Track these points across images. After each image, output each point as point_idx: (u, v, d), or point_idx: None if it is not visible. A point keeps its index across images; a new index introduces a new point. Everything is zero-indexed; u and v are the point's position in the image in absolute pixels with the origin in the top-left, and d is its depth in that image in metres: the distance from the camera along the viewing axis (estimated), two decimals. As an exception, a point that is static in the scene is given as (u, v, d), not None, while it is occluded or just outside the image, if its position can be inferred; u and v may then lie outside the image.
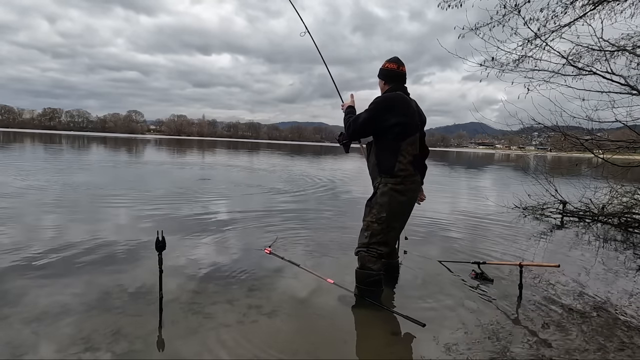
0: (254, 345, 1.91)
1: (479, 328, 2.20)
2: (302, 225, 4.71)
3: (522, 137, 8.03)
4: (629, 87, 4.63)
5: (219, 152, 26.99)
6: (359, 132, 2.52)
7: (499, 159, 41.67)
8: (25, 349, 1.79)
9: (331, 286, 2.68)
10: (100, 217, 4.68)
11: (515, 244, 4.29)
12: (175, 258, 3.17)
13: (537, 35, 4.95)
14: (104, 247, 3.43)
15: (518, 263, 2.86)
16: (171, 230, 4.07)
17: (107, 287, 2.54)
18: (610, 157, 5.14)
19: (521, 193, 6.71)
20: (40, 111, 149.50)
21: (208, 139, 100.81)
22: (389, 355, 1.94)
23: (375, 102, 2.44)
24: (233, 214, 5.19)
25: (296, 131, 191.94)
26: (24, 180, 7.39)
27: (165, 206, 5.52)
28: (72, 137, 54.64)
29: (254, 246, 3.66)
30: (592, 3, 4.78)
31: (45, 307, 2.21)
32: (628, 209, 5.49)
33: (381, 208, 2.41)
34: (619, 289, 2.95)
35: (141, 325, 2.04)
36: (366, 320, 2.31)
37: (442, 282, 2.95)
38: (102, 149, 24.19)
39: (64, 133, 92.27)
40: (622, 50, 4.81)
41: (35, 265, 2.89)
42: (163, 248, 2.09)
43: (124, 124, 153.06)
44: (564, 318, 2.38)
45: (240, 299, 2.45)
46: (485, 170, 20.89)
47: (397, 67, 2.53)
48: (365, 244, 2.46)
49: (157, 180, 8.98)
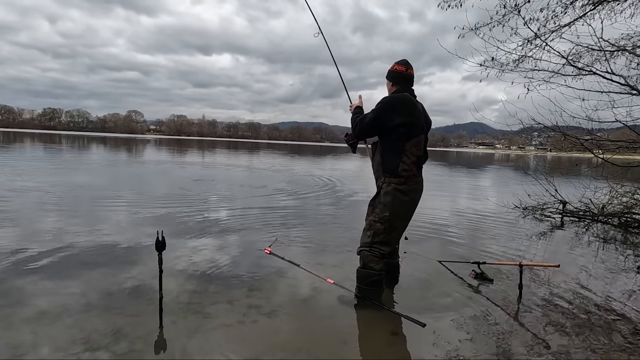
0: (254, 345, 1.91)
1: (479, 328, 2.20)
2: (302, 225, 4.71)
3: (522, 137, 8.03)
4: (629, 87, 4.63)
5: (219, 152, 26.98)
6: (366, 131, 2.54)
7: (499, 159, 41.67)
8: (25, 349, 1.79)
9: (331, 286, 2.68)
10: (100, 217, 4.68)
11: (515, 244, 4.29)
12: (175, 258, 3.17)
13: (537, 35, 4.95)
14: (104, 247, 3.43)
15: (518, 263, 2.86)
16: (171, 231, 4.07)
17: (107, 287, 2.54)
18: (610, 157, 5.14)
19: (521, 193, 6.71)
20: (40, 111, 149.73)
21: (208, 139, 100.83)
22: (389, 355, 1.94)
23: (382, 102, 2.46)
24: (233, 214, 5.18)
25: (296, 131, 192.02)
26: (23, 181, 7.39)
27: (166, 206, 5.51)
28: (71, 137, 54.64)
29: (254, 246, 3.66)
30: (592, 3, 4.78)
31: (45, 307, 2.21)
32: (628, 209, 5.49)
33: (384, 208, 2.41)
34: (618, 289, 2.94)
35: (141, 325, 2.04)
36: (366, 320, 2.31)
37: (442, 282, 2.95)
38: (102, 149, 24.18)
39: (64, 133, 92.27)
40: (622, 50, 4.81)
41: (35, 265, 2.89)
42: (163, 248, 2.09)
43: (123, 124, 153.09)
44: (564, 318, 2.38)
45: (241, 299, 2.45)
46: (485, 170, 20.90)
47: (405, 70, 2.54)
48: (367, 243, 2.47)
49: (157, 180, 8.98)
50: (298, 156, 26.06)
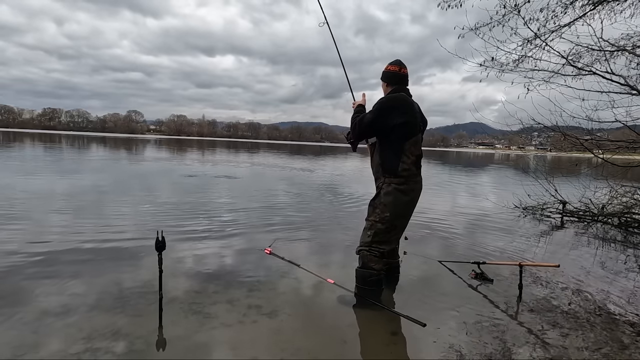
0: (254, 345, 1.91)
1: (479, 328, 2.20)
2: (303, 225, 4.70)
3: (522, 137, 8.03)
4: (628, 87, 4.63)
5: (219, 152, 26.96)
6: (365, 132, 2.54)
7: (498, 159, 41.67)
8: (26, 349, 1.79)
9: (331, 286, 2.68)
10: (100, 217, 4.67)
11: (515, 244, 4.29)
12: (175, 258, 3.17)
13: (537, 35, 4.94)
14: (104, 247, 3.43)
15: (518, 263, 2.86)
16: (171, 231, 4.07)
17: (107, 287, 2.54)
18: (610, 157, 5.14)
19: (521, 193, 6.71)
20: (40, 111, 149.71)
21: (207, 139, 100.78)
22: (389, 355, 1.94)
23: (379, 102, 2.46)
24: (233, 214, 5.18)
25: (296, 131, 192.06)
26: (25, 180, 7.38)
27: (166, 206, 5.51)
28: (71, 137, 54.60)
29: (254, 246, 3.66)
30: (592, 3, 4.78)
31: (45, 307, 2.21)
32: (628, 209, 5.50)
33: (385, 208, 2.42)
34: (618, 289, 2.95)
35: (141, 325, 2.04)
36: (366, 320, 2.31)
37: (442, 282, 2.96)
38: (102, 149, 24.16)
39: (63, 133, 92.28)
40: (622, 50, 4.81)
41: (36, 265, 2.89)
42: (163, 248, 2.09)
43: (123, 124, 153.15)
44: (564, 318, 2.38)
45: (241, 299, 2.45)
46: (485, 170, 20.89)
47: (399, 70, 2.55)
48: (367, 242, 2.47)
49: (157, 180, 8.97)
50: (298, 156, 26.05)
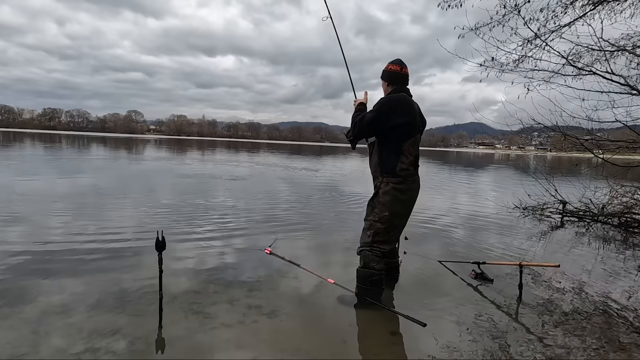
0: (254, 345, 1.91)
1: (479, 328, 2.20)
2: (302, 225, 4.70)
3: (522, 137, 8.04)
4: (628, 87, 4.63)
5: (219, 152, 26.95)
6: (365, 131, 2.53)
7: (499, 159, 41.66)
8: (26, 349, 1.79)
9: (331, 286, 2.68)
10: (100, 217, 4.67)
11: (515, 244, 4.29)
12: (175, 258, 3.17)
13: (537, 36, 4.94)
14: (104, 247, 3.43)
15: (518, 263, 2.86)
16: (171, 231, 4.07)
17: (107, 287, 2.54)
18: (610, 157, 5.13)
19: (521, 193, 6.71)
20: (40, 111, 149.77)
21: (207, 139, 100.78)
22: (389, 355, 1.94)
23: (380, 102, 2.46)
24: (233, 214, 5.18)
25: (296, 131, 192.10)
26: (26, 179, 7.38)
27: (166, 206, 5.51)
28: (70, 137, 54.60)
29: (254, 246, 3.66)
30: (592, 3, 4.78)
31: (45, 307, 2.21)
32: (628, 209, 5.50)
33: (384, 207, 2.42)
34: (618, 289, 2.95)
35: (141, 325, 2.04)
36: (366, 320, 2.31)
37: (442, 282, 2.95)
38: (102, 149, 24.16)
39: (63, 133, 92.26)
40: (622, 50, 4.81)
41: (36, 266, 2.89)
42: (163, 248, 2.09)
43: (123, 124, 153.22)
44: (564, 318, 2.38)
45: (241, 299, 2.45)
46: (485, 170, 20.89)
47: (400, 69, 2.54)
48: (368, 243, 2.47)
49: (157, 180, 8.97)
50: (298, 156, 26.04)
